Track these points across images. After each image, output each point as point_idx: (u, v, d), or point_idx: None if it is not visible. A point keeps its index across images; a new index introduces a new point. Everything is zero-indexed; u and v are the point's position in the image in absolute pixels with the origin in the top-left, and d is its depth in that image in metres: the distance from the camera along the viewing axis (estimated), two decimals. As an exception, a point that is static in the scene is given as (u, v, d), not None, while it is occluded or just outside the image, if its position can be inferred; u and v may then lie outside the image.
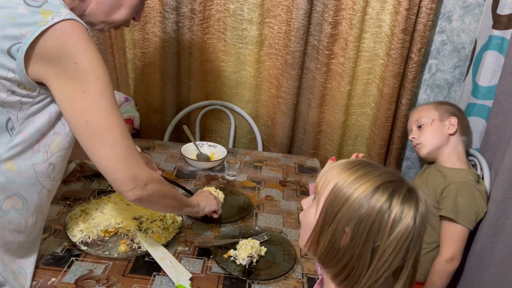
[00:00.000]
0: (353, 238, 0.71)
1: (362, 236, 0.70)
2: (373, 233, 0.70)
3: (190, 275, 1.04)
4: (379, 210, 0.70)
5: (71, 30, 0.82)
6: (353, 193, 0.72)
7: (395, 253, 0.70)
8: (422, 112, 1.62)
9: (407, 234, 0.70)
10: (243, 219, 1.33)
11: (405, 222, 0.70)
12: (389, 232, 0.70)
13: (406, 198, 0.71)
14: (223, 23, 1.83)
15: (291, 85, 1.85)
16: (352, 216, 0.71)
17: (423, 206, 0.72)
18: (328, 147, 2.01)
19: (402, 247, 0.70)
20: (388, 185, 0.71)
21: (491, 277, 1.42)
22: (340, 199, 0.73)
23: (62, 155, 0.94)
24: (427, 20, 1.71)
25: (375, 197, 0.70)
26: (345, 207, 0.72)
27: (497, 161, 1.49)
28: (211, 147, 1.74)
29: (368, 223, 0.70)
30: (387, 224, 0.70)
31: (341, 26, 1.79)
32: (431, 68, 1.94)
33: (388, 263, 0.71)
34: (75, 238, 1.12)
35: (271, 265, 1.13)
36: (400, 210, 0.70)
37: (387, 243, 0.70)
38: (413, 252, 0.72)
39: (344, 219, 0.72)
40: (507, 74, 1.53)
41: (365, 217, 0.70)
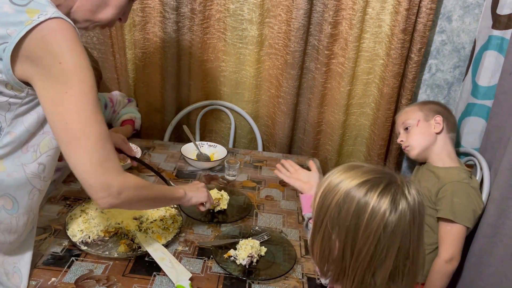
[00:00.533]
0: (338, 242, 0.75)
1: (343, 237, 0.74)
2: (352, 231, 0.73)
3: (190, 275, 1.05)
4: (354, 210, 0.73)
5: (56, 29, 0.81)
6: (335, 194, 0.76)
7: (373, 248, 0.73)
8: (408, 114, 1.63)
9: (382, 227, 0.72)
10: (243, 219, 1.33)
11: (380, 216, 0.72)
12: (365, 228, 0.73)
13: (383, 192, 0.73)
14: (223, 23, 1.83)
15: (291, 85, 1.86)
16: (335, 219, 0.75)
17: (404, 202, 0.73)
18: (328, 147, 2.01)
19: (380, 240, 0.72)
20: (365, 183, 0.74)
21: (490, 277, 1.42)
22: (325, 207, 0.77)
23: (51, 155, 0.93)
24: (427, 20, 1.71)
25: (352, 195, 0.74)
26: (329, 211, 0.76)
27: (497, 161, 1.49)
28: (211, 147, 1.74)
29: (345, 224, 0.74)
30: (363, 220, 0.73)
31: (341, 26, 1.79)
32: (431, 68, 1.94)
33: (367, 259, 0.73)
34: (75, 238, 1.13)
35: (271, 265, 1.14)
36: (376, 205, 0.72)
37: (363, 238, 0.73)
38: (396, 245, 0.73)
39: (329, 226, 0.76)
40: (507, 74, 1.53)
41: (343, 215, 0.74)
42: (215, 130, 2.07)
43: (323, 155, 2.03)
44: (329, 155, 2.02)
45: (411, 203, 0.74)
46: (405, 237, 0.74)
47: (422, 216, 0.76)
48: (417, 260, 0.77)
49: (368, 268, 0.74)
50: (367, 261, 0.73)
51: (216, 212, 1.33)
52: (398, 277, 0.76)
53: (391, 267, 0.74)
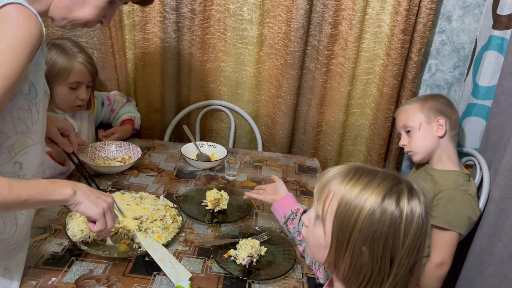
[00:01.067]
0: (371, 255, 0.72)
1: (379, 250, 0.71)
2: (389, 244, 0.71)
3: (190, 275, 1.05)
4: (390, 221, 0.71)
5: (11, 12, 0.78)
6: (360, 211, 0.72)
7: (411, 253, 0.72)
8: (409, 115, 1.56)
9: (419, 231, 0.72)
10: (243, 219, 1.33)
11: (416, 221, 0.71)
12: (404, 238, 0.71)
13: (411, 197, 0.72)
14: (223, 23, 1.83)
15: (291, 85, 1.86)
16: (366, 235, 0.71)
17: (423, 197, 0.74)
18: (328, 147, 2.01)
19: (416, 245, 0.72)
20: (392, 192, 0.72)
21: (490, 277, 1.42)
22: (349, 220, 0.73)
23: (28, 153, 0.91)
24: (427, 20, 1.71)
25: (383, 209, 0.71)
26: (356, 228, 0.72)
27: (497, 161, 1.49)
28: (211, 147, 1.74)
29: (382, 237, 0.71)
30: (400, 231, 0.71)
31: (341, 26, 1.79)
32: (430, 68, 1.94)
33: (406, 265, 0.72)
34: (75, 238, 1.13)
35: (271, 265, 1.14)
36: (410, 211, 0.71)
37: (403, 248, 0.71)
38: (424, 244, 0.74)
39: (359, 240, 0.72)
40: (507, 74, 1.53)
41: (378, 232, 0.71)
42: (215, 130, 2.07)
43: (323, 155, 2.03)
44: (329, 155, 2.02)
45: (424, 200, 0.74)
46: (425, 233, 0.74)
47: (430, 204, 0.78)
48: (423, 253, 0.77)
49: (406, 274, 0.73)
50: (405, 267, 0.72)
51: (216, 212, 1.33)
52: (418, 271, 0.76)
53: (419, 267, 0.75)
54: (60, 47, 1.50)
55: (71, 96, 1.52)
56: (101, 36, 1.86)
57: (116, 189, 1.40)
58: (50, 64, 1.46)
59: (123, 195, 1.33)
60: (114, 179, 1.48)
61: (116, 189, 1.40)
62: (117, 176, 1.50)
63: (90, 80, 1.56)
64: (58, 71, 1.47)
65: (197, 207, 1.35)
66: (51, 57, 1.47)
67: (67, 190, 0.89)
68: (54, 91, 1.49)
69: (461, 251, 1.65)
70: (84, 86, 1.54)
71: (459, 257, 1.68)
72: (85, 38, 1.87)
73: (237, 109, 1.97)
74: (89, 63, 1.53)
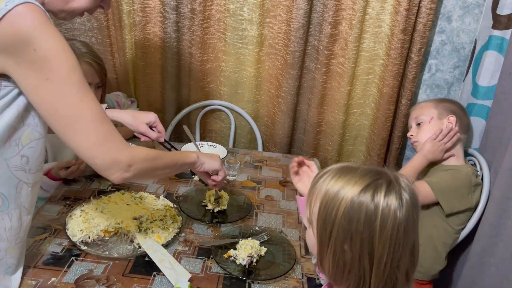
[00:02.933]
0: (350, 252, 0.72)
1: (356, 247, 0.71)
2: (366, 240, 0.71)
3: (189, 276, 1.04)
4: (365, 217, 0.71)
5: (25, 13, 0.78)
6: (338, 209, 0.72)
7: (391, 250, 0.71)
8: (422, 110, 1.61)
9: (397, 227, 0.71)
10: (243, 219, 1.33)
11: (392, 216, 0.71)
12: (379, 234, 0.70)
13: (388, 192, 0.72)
14: (223, 23, 1.83)
15: (291, 85, 1.86)
16: (344, 232, 0.72)
17: (406, 194, 0.72)
18: (328, 147, 2.01)
19: (395, 241, 0.71)
20: (368, 188, 0.72)
21: (491, 277, 1.42)
22: (329, 218, 0.74)
23: (34, 146, 0.91)
24: (426, 20, 1.71)
25: (359, 204, 0.71)
26: (335, 226, 0.73)
27: (497, 161, 1.49)
28: (211, 147, 1.74)
29: (358, 234, 0.71)
30: (376, 227, 0.70)
31: (341, 26, 1.79)
32: (430, 68, 1.94)
33: (389, 263, 0.71)
34: (75, 238, 1.12)
35: (271, 265, 1.13)
36: (386, 206, 0.71)
37: (381, 245, 0.71)
38: (409, 241, 0.73)
39: (339, 238, 0.73)
40: (507, 74, 1.53)
41: (354, 229, 0.71)
42: (215, 130, 2.07)
43: (323, 155, 2.03)
44: (329, 155, 2.02)
45: (410, 195, 0.73)
46: (411, 231, 0.73)
47: (419, 205, 0.76)
48: (418, 251, 0.77)
49: (391, 270, 0.72)
50: (389, 264, 0.72)
51: (216, 212, 1.33)
52: (411, 271, 0.75)
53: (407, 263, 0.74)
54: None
55: None
56: (99, 36, 1.86)
57: (116, 189, 1.40)
58: None
59: (123, 195, 1.33)
60: (114, 179, 1.48)
61: (116, 189, 1.40)
62: (117, 176, 1.50)
63: (98, 81, 1.53)
64: None
65: (197, 207, 1.35)
66: None
67: (192, 155, 1.16)
68: None
69: (462, 251, 1.65)
70: (92, 87, 1.51)
71: (459, 258, 1.68)
72: (83, 38, 1.87)
73: (237, 109, 1.97)
74: (97, 63, 1.51)
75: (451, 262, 1.66)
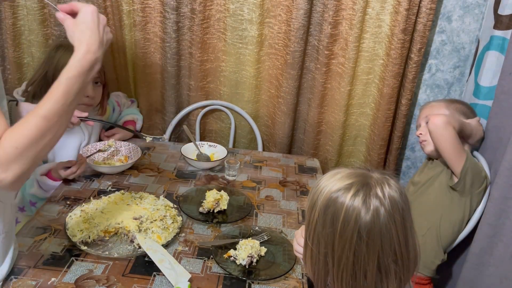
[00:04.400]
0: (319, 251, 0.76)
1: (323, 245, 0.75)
2: (330, 238, 0.74)
3: (189, 276, 1.04)
4: (331, 216, 0.74)
5: None
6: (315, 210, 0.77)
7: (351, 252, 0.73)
8: (433, 109, 1.61)
9: (357, 230, 0.72)
10: (243, 219, 1.33)
11: (355, 218, 0.72)
12: (340, 233, 0.73)
13: (356, 194, 0.74)
14: (223, 23, 1.83)
15: (291, 85, 1.86)
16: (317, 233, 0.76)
17: (376, 201, 0.73)
18: (328, 147, 2.01)
19: (358, 244, 0.72)
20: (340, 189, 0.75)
21: (490, 277, 1.42)
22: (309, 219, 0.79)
23: None
24: (427, 20, 1.71)
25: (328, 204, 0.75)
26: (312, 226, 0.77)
27: (497, 161, 1.49)
28: (211, 147, 1.74)
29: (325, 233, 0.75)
30: (338, 226, 0.73)
31: (341, 26, 1.79)
32: (431, 68, 1.94)
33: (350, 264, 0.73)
34: (75, 238, 1.13)
35: (271, 265, 1.14)
36: (350, 206, 0.73)
37: (341, 244, 0.73)
38: (373, 248, 0.73)
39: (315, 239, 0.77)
40: (507, 74, 1.53)
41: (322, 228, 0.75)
42: (215, 130, 2.07)
43: (323, 155, 2.03)
44: (329, 155, 2.02)
45: (385, 202, 0.73)
46: (385, 238, 0.73)
47: (402, 214, 0.75)
48: (408, 257, 0.76)
49: (352, 273, 0.74)
50: (350, 267, 0.73)
51: (216, 212, 1.33)
52: (389, 274, 0.75)
53: (376, 269, 0.74)
54: (65, 47, 1.49)
55: None
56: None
57: (116, 189, 1.40)
58: (55, 62, 1.46)
59: (123, 195, 1.33)
60: (114, 179, 1.48)
61: (116, 189, 1.40)
62: (117, 176, 1.50)
63: (97, 77, 1.53)
64: (62, 69, 1.45)
65: (197, 207, 1.35)
66: (58, 57, 1.46)
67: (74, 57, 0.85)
68: None
69: (461, 251, 1.65)
70: (90, 83, 1.52)
71: (459, 257, 1.68)
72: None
73: (237, 109, 1.97)
74: None
75: (451, 261, 1.66)
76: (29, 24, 1.83)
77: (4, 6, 1.75)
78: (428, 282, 1.56)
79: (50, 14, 1.80)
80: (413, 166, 2.13)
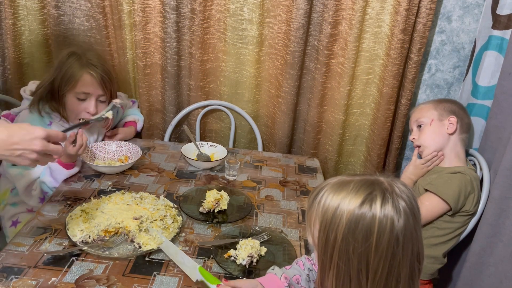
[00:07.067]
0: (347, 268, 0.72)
1: (354, 263, 0.71)
2: (364, 254, 0.70)
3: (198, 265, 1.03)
4: (363, 234, 0.70)
5: None
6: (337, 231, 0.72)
7: (387, 262, 0.70)
8: (422, 112, 1.61)
9: (394, 237, 0.70)
10: (243, 219, 1.33)
11: (390, 226, 0.70)
12: (376, 246, 0.70)
13: (384, 202, 0.71)
14: (223, 23, 1.83)
15: (291, 85, 1.86)
16: (344, 251, 0.72)
17: (402, 202, 0.72)
18: (328, 147, 2.01)
19: (394, 251, 0.70)
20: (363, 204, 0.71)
21: (490, 277, 1.42)
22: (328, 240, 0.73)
23: None
24: (426, 20, 1.71)
25: (356, 223, 0.70)
26: (336, 246, 0.72)
27: (496, 161, 1.49)
28: (211, 147, 1.74)
29: (356, 251, 0.71)
30: (372, 241, 0.70)
31: (340, 26, 1.79)
32: (430, 68, 1.94)
33: (384, 273, 0.71)
34: (76, 237, 1.13)
35: (271, 265, 1.13)
36: (383, 217, 0.70)
37: (376, 258, 0.70)
38: (410, 248, 0.72)
39: (342, 257, 0.72)
40: (507, 74, 1.53)
41: (352, 246, 0.71)
42: (215, 130, 2.07)
43: (323, 155, 2.03)
44: (329, 155, 2.02)
45: (407, 201, 0.72)
46: (413, 238, 0.72)
47: (419, 210, 0.75)
48: (423, 255, 0.76)
49: (386, 283, 0.71)
50: (384, 277, 0.71)
51: (216, 212, 1.34)
52: (415, 276, 0.74)
53: (409, 271, 0.72)
54: (77, 55, 1.48)
55: (78, 107, 1.49)
56: (97, 36, 1.86)
57: (116, 189, 1.40)
58: (64, 71, 1.46)
59: (123, 195, 1.33)
60: (114, 179, 1.48)
61: (116, 189, 1.40)
62: (117, 176, 1.50)
63: (101, 94, 1.51)
64: (68, 79, 1.45)
65: (197, 207, 1.35)
66: (67, 64, 1.46)
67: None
68: (64, 99, 1.48)
69: (461, 251, 1.65)
70: (93, 99, 1.50)
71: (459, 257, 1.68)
72: (82, 38, 1.87)
73: (237, 109, 1.97)
74: (101, 76, 1.48)
75: (450, 262, 1.67)
76: (29, 24, 1.83)
77: (4, 6, 1.75)
78: (427, 282, 1.56)
79: (50, 14, 1.81)
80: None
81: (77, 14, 1.83)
